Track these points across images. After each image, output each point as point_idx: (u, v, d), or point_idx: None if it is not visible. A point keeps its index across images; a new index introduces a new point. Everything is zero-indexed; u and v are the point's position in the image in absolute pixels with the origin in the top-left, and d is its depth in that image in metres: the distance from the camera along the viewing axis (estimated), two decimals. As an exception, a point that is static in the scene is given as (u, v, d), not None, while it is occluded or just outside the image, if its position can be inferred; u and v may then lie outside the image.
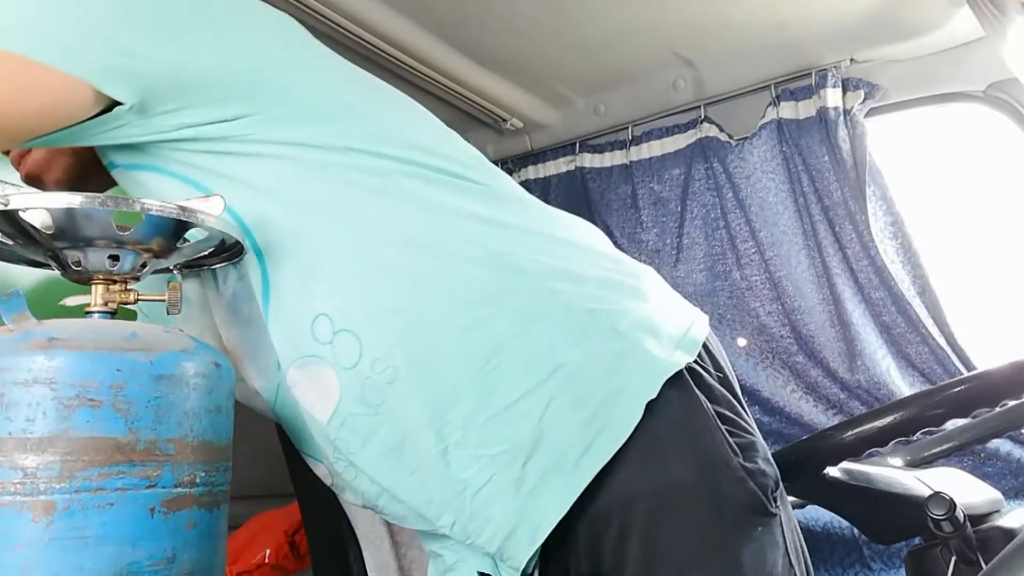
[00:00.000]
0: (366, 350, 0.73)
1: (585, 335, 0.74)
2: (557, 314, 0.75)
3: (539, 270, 0.76)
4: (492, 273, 0.75)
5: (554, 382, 0.72)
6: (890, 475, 1.11)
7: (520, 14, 1.64)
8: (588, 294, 0.77)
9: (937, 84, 1.69)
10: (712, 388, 0.79)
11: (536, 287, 0.75)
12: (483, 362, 0.72)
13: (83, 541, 0.53)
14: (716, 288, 1.93)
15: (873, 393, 1.68)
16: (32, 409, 0.54)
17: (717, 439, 0.75)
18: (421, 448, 0.73)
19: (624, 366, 0.74)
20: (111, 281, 0.67)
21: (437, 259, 0.74)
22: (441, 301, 0.73)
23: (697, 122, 1.95)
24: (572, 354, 0.73)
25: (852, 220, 1.72)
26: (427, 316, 0.73)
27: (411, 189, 0.75)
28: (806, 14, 1.63)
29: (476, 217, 0.77)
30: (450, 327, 0.73)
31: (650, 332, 0.77)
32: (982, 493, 1.13)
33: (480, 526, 0.75)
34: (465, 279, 0.74)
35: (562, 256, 0.79)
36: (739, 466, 0.75)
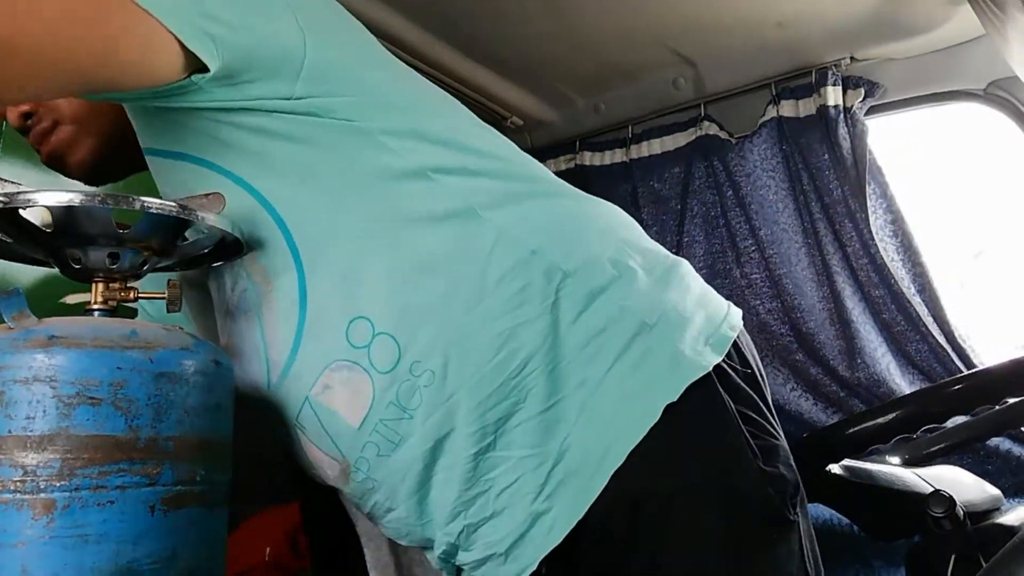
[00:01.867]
0: (405, 353, 0.72)
1: (614, 334, 0.74)
2: (589, 315, 0.74)
3: (574, 269, 0.75)
4: (531, 278, 0.74)
5: (584, 391, 0.72)
6: (890, 472, 1.12)
7: (520, 13, 1.64)
8: (622, 291, 0.76)
9: (937, 82, 1.69)
10: (739, 388, 0.78)
11: (571, 291, 0.74)
12: (520, 366, 0.72)
13: (83, 539, 0.53)
14: (716, 286, 1.90)
15: (873, 391, 1.68)
16: (32, 407, 0.54)
17: (737, 441, 0.74)
18: (454, 451, 0.74)
19: (649, 364, 0.73)
20: (111, 279, 0.67)
21: (478, 264, 0.73)
22: (481, 306, 0.73)
23: (697, 120, 1.95)
24: (604, 357, 0.73)
25: (852, 218, 1.72)
26: (467, 320, 0.73)
27: (459, 191, 0.75)
28: (806, 12, 1.63)
29: (517, 220, 0.76)
30: (489, 331, 0.72)
31: (680, 327, 0.76)
32: (982, 491, 1.13)
33: (497, 525, 0.74)
34: (504, 286, 0.73)
35: (594, 249, 0.78)
36: (758, 470, 0.73)
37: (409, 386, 0.72)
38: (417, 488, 0.76)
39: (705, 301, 0.83)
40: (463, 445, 0.73)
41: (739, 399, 0.77)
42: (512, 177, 0.80)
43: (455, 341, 0.72)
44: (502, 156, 0.82)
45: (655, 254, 0.84)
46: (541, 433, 0.72)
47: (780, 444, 0.78)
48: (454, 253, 0.73)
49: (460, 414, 0.73)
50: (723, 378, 0.77)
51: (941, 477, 1.11)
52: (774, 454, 0.76)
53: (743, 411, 0.76)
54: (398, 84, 0.81)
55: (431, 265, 0.73)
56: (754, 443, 0.74)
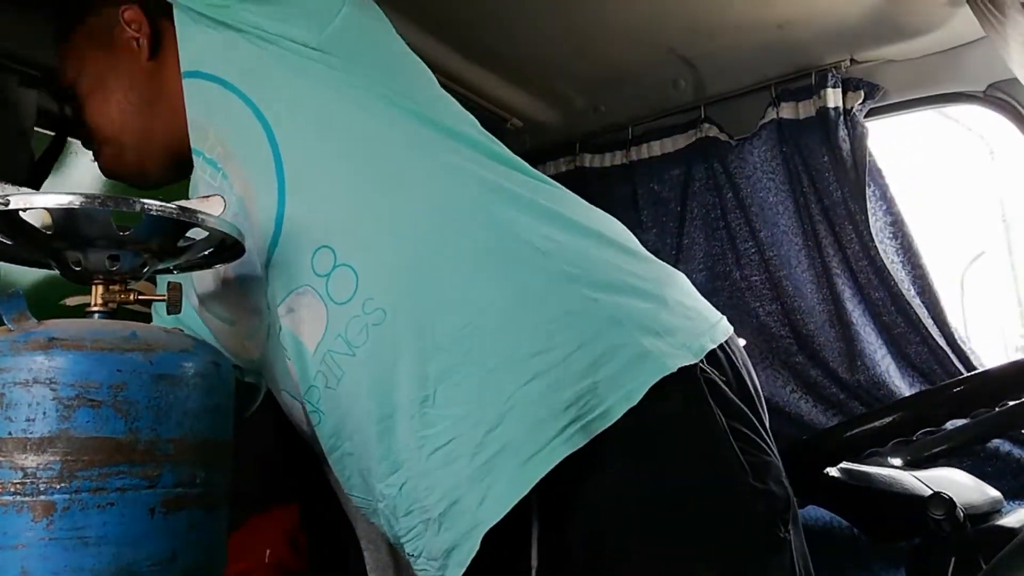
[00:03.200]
0: (361, 288, 0.73)
1: (583, 321, 0.73)
2: (560, 295, 0.73)
3: (553, 250, 0.75)
4: (503, 242, 0.74)
5: (539, 361, 0.71)
6: (890, 475, 1.12)
7: (520, 14, 1.64)
8: (598, 281, 0.75)
9: (937, 84, 1.69)
10: (730, 402, 0.76)
11: (545, 266, 0.74)
12: (468, 322, 0.71)
13: (83, 541, 0.53)
14: (716, 288, 1.93)
15: (873, 393, 1.68)
16: (32, 409, 0.54)
17: (726, 455, 0.72)
18: (392, 398, 0.72)
19: (616, 359, 0.72)
20: (111, 281, 0.67)
21: (452, 217, 0.75)
22: (445, 256, 0.73)
23: (697, 122, 1.95)
24: (565, 338, 0.72)
25: (852, 220, 1.72)
26: (428, 267, 0.73)
27: (445, 154, 0.79)
28: (806, 14, 1.63)
29: (500, 188, 0.78)
30: (447, 283, 0.73)
31: (654, 332, 0.75)
32: (982, 493, 1.13)
33: (430, 486, 0.72)
34: (474, 242, 0.74)
35: (580, 241, 0.78)
36: (749, 486, 0.72)
37: (359, 323, 0.73)
38: (354, 431, 0.76)
39: (692, 314, 0.82)
40: (403, 393, 0.72)
41: (731, 414, 0.75)
42: (499, 157, 0.84)
43: (412, 285, 0.73)
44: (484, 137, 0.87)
45: (648, 263, 0.84)
46: (481, 392, 0.71)
47: (772, 461, 0.76)
48: (433, 202, 0.75)
49: (403, 361, 0.72)
50: (714, 390, 0.75)
51: (941, 479, 1.11)
52: (765, 471, 0.74)
53: (735, 426, 0.75)
54: (411, 64, 0.89)
55: (407, 211, 0.75)
56: (744, 459, 0.73)
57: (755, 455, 0.75)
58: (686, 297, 0.84)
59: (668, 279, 0.83)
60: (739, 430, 0.75)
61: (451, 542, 0.71)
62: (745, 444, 0.74)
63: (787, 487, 0.75)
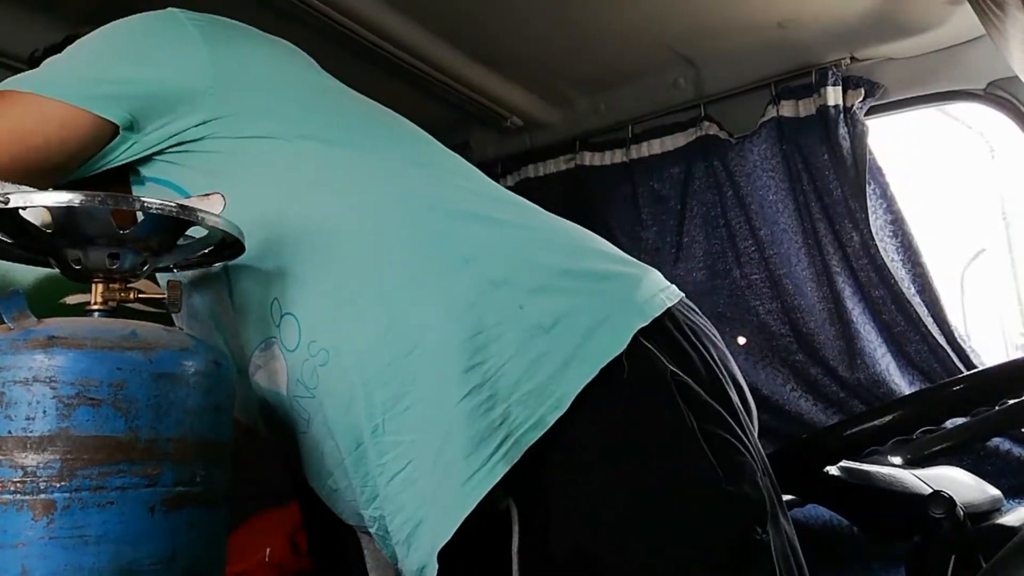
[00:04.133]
0: (304, 332, 0.76)
1: (511, 330, 0.72)
2: (486, 304, 0.73)
3: (478, 256, 0.75)
4: (430, 258, 0.75)
5: (473, 375, 0.70)
6: (890, 474, 1.11)
7: (521, 13, 1.64)
8: (525, 285, 0.74)
9: (937, 82, 1.69)
10: (702, 403, 0.75)
11: (471, 275, 0.74)
12: (408, 349, 0.72)
13: (83, 540, 0.53)
14: (716, 286, 1.93)
15: (873, 391, 1.68)
16: (32, 408, 0.54)
17: (696, 461, 0.71)
18: (356, 431, 0.74)
19: (543, 368, 0.71)
20: (111, 280, 0.67)
21: (376, 247, 0.76)
22: (375, 288, 0.74)
23: (697, 120, 1.95)
24: (495, 350, 0.71)
25: (852, 218, 1.72)
26: (360, 302, 0.74)
27: (365, 178, 0.80)
28: (806, 12, 1.63)
29: (424, 199, 0.79)
30: (380, 313, 0.73)
31: (584, 332, 0.73)
32: (982, 492, 1.13)
33: (395, 510, 0.73)
34: (402, 266, 0.75)
35: (510, 242, 0.78)
36: (720, 490, 0.70)
37: (309, 366, 0.75)
38: (335, 466, 0.78)
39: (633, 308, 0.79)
40: (362, 425, 0.73)
41: (702, 415, 0.74)
42: (420, 163, 0.85)
43: (345, 320, 0.74)
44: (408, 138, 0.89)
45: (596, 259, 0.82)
46: (426, 415, 0.71)
47: (746, 461, 0.74)
48: (350, 236, 0.77)
49: (355, 395, 0.73)
50: (684, 392, 0.74)
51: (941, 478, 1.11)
52: (739, 473, 0.73)
53: (706, 428, 0.73)
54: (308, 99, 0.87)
55: (328, 246, 0.77)
56: (717, 462, 0.72)
57: (728, 456, 0.73)
58: (636, 289, 0.80)
59: (611, 275, 0.80)
60: (711, 432, 0.73)
61: (419, 562, 0.72)
62: (718, 446, 0.73)
63: (763, 487, 0.74)
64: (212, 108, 0.79)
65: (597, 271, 0.79)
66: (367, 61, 1.74)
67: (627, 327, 0.74)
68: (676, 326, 0.81)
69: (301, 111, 0.84)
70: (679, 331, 0.80)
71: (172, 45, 0.82)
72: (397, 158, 0.84)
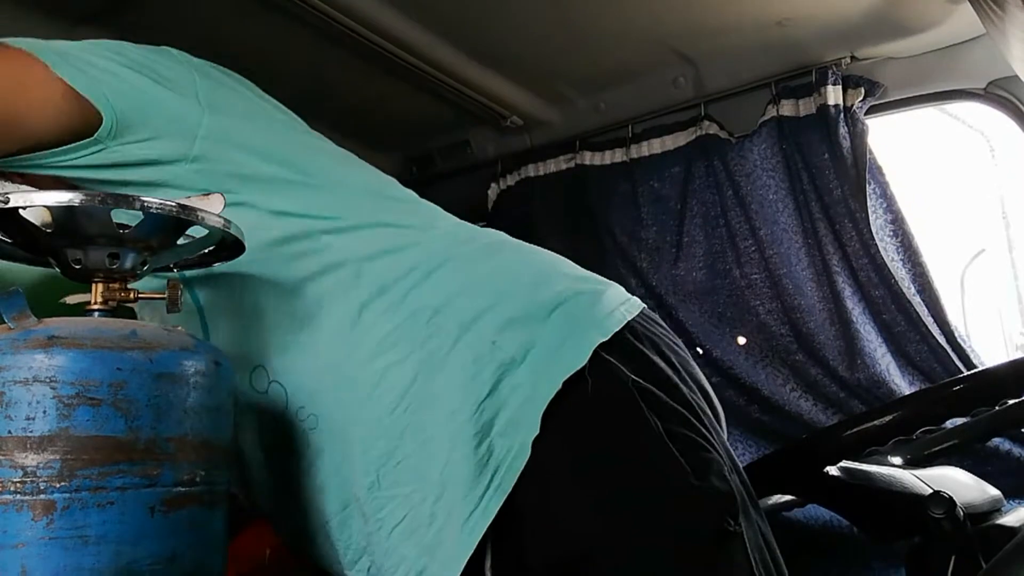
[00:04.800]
0: (291, 399, 0.79)
1: (485, 369, 0.75)
2: (460, 350, 0.76)
3: (445, 305, 0.78)
4: (403, 317, 0.78)
5: (457, 420, 0.74)
6: (890, 474, 1.11)
7: (520, 12, 1.64)
8: (499, 322, 0.78)
9: (938, 81, 1.69)
10: (665, 406, 0.78)
11: (443, 325, 0.77)
12: (393, 406, 0.75)
13: (83, 540, 0.53)
14: (716, 286, 1.92)
15: (873, 392, 1.68)
16: (32, 408, 0.54)
17: (664, 461, 0.74)
18: (344, 490, 0.77)
19: (514, 397, 0.75)
20: (111, 279, 0.67)
21: (350, 311, 0.78)
22: (354, 351, 0.77)
23: (697, 120, 1.94)
24: (472, 390, 0.75)
25: (852, 218, 1.71)
26: (342, 365, 0.77)
27: (333, 245, 0.82)
28: (806, 11, 1.63)
29: (387, 267, 0.81)
30: (362, 375, 0.77)
31: (550, 354, 0.76)
32: (982, 492, 1.13)
33: (395, 564, 0.76)
34: (376, 329, 0.78)
35: (479, 285, 0.81)
36: (690, 487, 0.73)
37: (299, 430, 0.79)
38: (324, 525, 0.80)
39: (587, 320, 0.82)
40: (355, 484, 0.76)
41: (667, 417, 0.77)
42: (395, 225, 0.86)
43: (332, 385, 0.77)
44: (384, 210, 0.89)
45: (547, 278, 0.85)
46: (420, 467, 0.74)
47: (713, 457, 0.77)
48: (329, 304, 0.79)
49: (348, 455, 0.76)
50: (648, 399, 0.77)
51: (941, 478, 1.11)
52: (707, 468, 0.75)
53: (672, 429, 0.76)
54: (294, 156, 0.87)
55: (309, 316, 0.79)
56: (684, 460, 0.74)
57: (695, 454, 0.76)
58: (596, 306, 0.84)
59: (572, 296, 0.83)
60: (676, 433, 0.76)
61: None
62: (684, 446, 0.75)
63: (732, 481, 0.76)
64: (195, 150, 0.79)
65: (560, 294, 0.82)
66: (367, 60, 1.74)
67: (587, 343, 0.77)
68: (637, 337, 0.84)
69: (278, 183, 0.83)
70: (640, 342, 0.83)
71: (177, 73, 0.82)
72: (368, 214, 0.86)
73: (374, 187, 0.93)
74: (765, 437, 1.83)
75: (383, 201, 0.91)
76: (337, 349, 0.78)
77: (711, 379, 1.86)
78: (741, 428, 1.85)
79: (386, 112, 2.08)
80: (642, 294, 1.98)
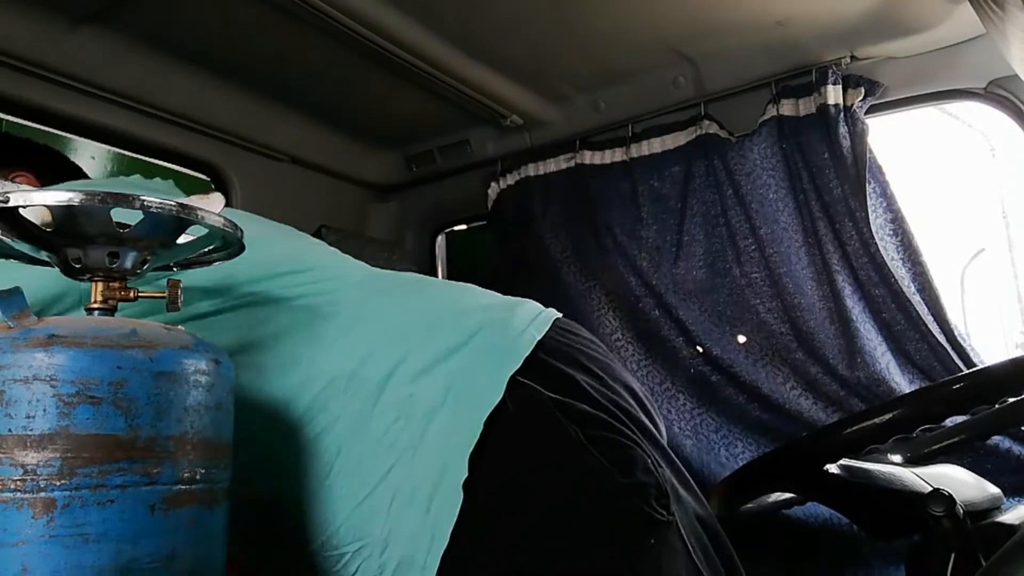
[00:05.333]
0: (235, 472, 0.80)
1: (413, 418, 0.77)
2: (383, 409, 0.78)
3: (365, 363, 0.80)
4: (321, 386, 0.79)
5: (393, 476, 0.76)
6: (890, 472, 1.12)
7: (520, 11, 1.64)
8: (412, 374, 0.79)
9: (938, 81, 1.69)
10: (589, 416, 0.80)
11: (359, 389, 0.79)
12: (328, 469, 0.77)
13: (83, 538, 0.53)
14: (716, 285, 1.93)
15: (873, 390, 1.68)
16: (32, 406, 0.54)
17: (589, 467, 0.75)
18: (294, 552, 0.79)
19: (446, 438, 0.76)
20: (111, 279, 0.67)
21: (278, 385, 0.80)
22: (283, 421, 0.79)
23: (697, 119, 1.95)
24: (407, 440, 0.76)
25: (852, 217, 1.72)
26: (273, 437, 0.78)
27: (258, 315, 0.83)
28: (806, 11, 1.63)
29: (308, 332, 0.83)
30: (294, 442, 0.78)
31: (471, 395, 0.78)
32: (982, 490, 1.13)
33: None
34: (301, 398, 0.79)
35: (387, 341, 0.82)
36: (616, 484, 0.75)
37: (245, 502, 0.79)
38: None
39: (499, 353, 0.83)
40: (299, 546, 0.78)
41: (590, 425, 0.79)
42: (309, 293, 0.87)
43: (267, 456, 0.78)
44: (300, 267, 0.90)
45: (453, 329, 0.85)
46: (365, 527, 0.76)
47: (637, 453, 0.79)
48: (255, 375, 0.80)
49: (288, 521, 0.78)
50: (570, 413, 0.78)
51: (941, 476, 1.11)
52: (632, 465, 0.77)
53: (593, 434, 0.78)
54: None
55: (244, 394, 0.79)
56: (607, 461, 0.76)
57: (618, 453, 0.78)
58: (504, 334, 0.85)
59: (480, 329, 0.85)
60: (597, 437, 0.78)
61: None
62: (606, 448, 0.78)
63: (658, 473, 0.78)
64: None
65: (468, 329, 0.84)
66: (366, 59, 1.74)
67: (502, 375, 0.79)
68: (551, 353, 0.85)
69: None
70: (555, 357, 0.85)
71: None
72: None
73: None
74: (765, 435, 1.83)
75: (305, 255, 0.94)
76: (266, 418, 0.80)
77: (711, 378, 1.88)
78: (741, 426, 1.85)
79: (386, 111, 2.08)
80: (642, 293, 1.99)
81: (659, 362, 1.97)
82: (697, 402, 1.92)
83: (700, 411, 1.91)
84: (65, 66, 1.61)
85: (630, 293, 2.00)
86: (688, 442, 1.85)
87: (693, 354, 1.92)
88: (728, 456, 1.82)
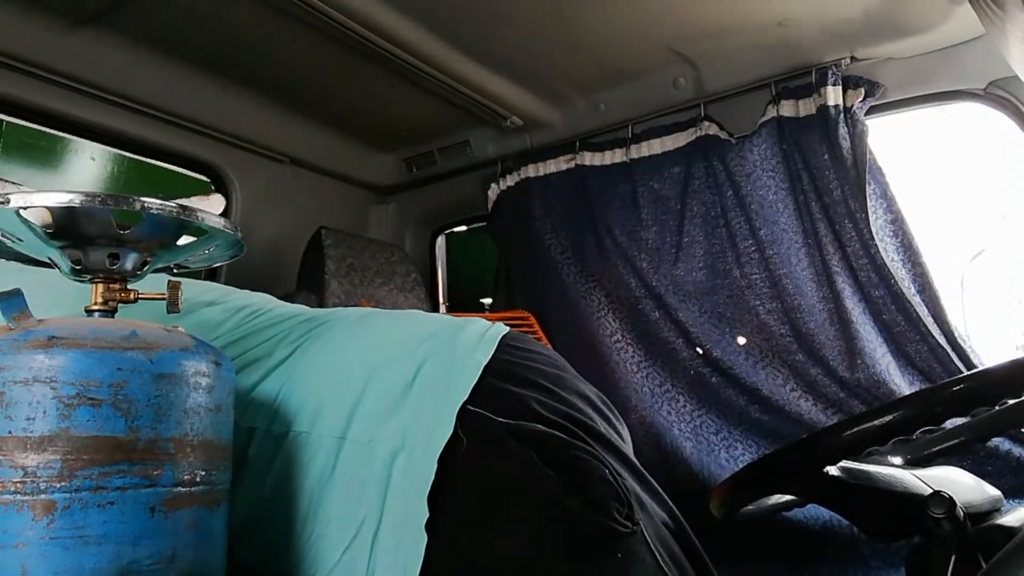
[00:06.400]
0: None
1: (373, 466, 0.76)
2: (346, 462, 0.77)
3: (322, 412, 0.79)
4: (282, 444, 0.79)
5: (366, 530, 0.75)
6: (890, 474, 1.11)
7: (521, 13, 1.64)
8: (373, 419, 0.79)
9: (937, 82, 1.69)
10: (541, 435, 0.79)
11: (321, 441, 0.78)
12: (302, 528, 0.76)
13: (83, 540, 0.53)
14: (716, 286, 1.93)
15: (873, 392, 1.68)
16: (32, 408, 0.54)
17: (546, 488, 0.75)
18: None
19: (407, 478, 0.76)
20: (111, 280, 0.67)
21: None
22: (254, 479, 0.78)
23: (697, 120, 1.95)
24: (373, 491, 0.76)
25: (852, 218, 1.72)
26: (245, 492, 0.77)
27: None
28: (806, 12, 1.63)
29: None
30: (270, 511, 0.78)
31: (425, 435, 0.77)
32: (982, 492, 1.13)
33: None
34: (259, 461, 0.79)
35: (343, 388, 0.81)
36: (576, 498, 0.74)
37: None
38: None
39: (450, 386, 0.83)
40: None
41: (543, 444, 0.78)
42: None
43: (250, 515, 0.78)
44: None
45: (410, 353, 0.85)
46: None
47: (593, 465, 0.78)
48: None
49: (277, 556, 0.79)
50: (521, 435, 0.78)
51: (941, 478, 1.11)
52: (588, 477, 0.76)
53: (548, 454, 0.77)
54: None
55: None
56: (564, 478, 0.75)
57: (574, 468, 0.77)
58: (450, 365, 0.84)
59: (427, 362, 0.84)
60: (551, 456, 0.77)
61: None
62: (560, 464, 0.77)
63: (617, 483, 0.77)
64: None
65: (415, 362, 0.83)
66: (367, 60, 1.74)
67: (450, 409, 0.78)
68: (498, 375, 0.84)
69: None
70: (503, 378, 0.84)
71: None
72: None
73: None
74: (765, 437, 1.83)
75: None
76: (243, 474, 0.79)
77: (711, 379, 1.88)
78: (741, 428, 1.85)
79: (386, 112, 2.08)
80: (642, 294, 1.99)
81: (659, 363, 1.97)
82: (697, 404, 1.92)
83: (700, 413, 1.91)
84: (65, 67, 1.62)
85: (630, 294, 2.00)
86: (688, 444, 1.85)
87: (693, 355, 1.92)
88: (728, 458, 1.82)
